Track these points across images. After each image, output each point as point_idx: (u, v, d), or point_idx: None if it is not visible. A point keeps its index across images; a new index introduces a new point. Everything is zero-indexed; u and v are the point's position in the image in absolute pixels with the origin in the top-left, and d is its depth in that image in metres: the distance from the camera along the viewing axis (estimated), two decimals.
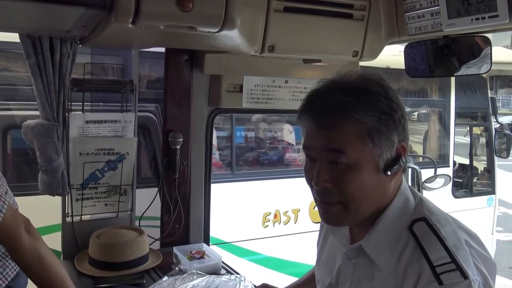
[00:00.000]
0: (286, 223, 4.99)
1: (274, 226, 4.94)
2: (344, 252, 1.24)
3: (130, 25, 1.44)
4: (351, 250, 1.21)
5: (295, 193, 5.00)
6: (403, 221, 1.13)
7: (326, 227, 1.39)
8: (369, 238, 1.15)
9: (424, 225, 1.10)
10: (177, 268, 2.16)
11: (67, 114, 2.10)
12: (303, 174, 1.20)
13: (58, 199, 2.25)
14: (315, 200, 1.16)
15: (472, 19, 1.48)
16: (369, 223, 1.16)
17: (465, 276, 1.00)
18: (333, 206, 1.12)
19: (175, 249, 2.30)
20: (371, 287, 1.15)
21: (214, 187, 3.43)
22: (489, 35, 1.71)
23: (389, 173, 1.10)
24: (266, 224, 4.92)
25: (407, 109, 6.37)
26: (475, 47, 1.69)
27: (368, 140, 1.07)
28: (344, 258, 1.24)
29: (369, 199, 1.12)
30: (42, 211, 2.88)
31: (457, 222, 1.16)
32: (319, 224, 1.51)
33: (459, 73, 1.78)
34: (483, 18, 1.45)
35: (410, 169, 5.05)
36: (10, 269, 1.81)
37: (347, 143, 1.07)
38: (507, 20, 1.40)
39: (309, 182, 1.16)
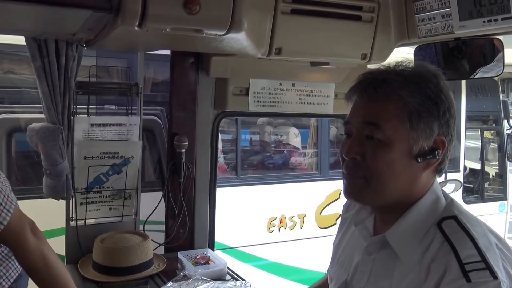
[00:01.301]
0: (291, 228, 4.97)
1: (279, 231, 4.92)
2: (365, 247, 1.22)
3: (136, 28, 1.43)
4: (372, 243, 1.20)
5: (301, 198, 4.98)
6: (432, 217, 1.12)
7: (348, 223, 1.38)
8: (394, 230, 1.13)
9: (454, 223, 1.09)
10: (181, 274, 2.14)
11: (72, 117, 2.09)
12: (309, 179, 1.19)
13: (62, 203, 2.23)
14: (342, 174, 1.17)
15: (484, 21, 1.47)
16: (395, 217, 1.14)
17: (494, 276, 0.98)
18: (357, 179, 1.12)
19: (180, 254, 2.28)
20: (389, 284, 1.13)
21: (219, 191, 3.41)
22: (501, 37, 1.69)
23: (420, 160, 1.09)
24: (271, 229, 4.90)
25: None
26: (487, 50, 1.68)
27: (407, 121, 1.07)
28: (363, 254, 1.22)
29: (394, 182, 1.11)
30: (46, 214, 2.87)
31: (487, 225, 1.14)
32: (325, 229, 1.49)
33: (469, 77, 1.78)
34: (496, 20, 1.44)
35: None
36: (12, 271, 1.81)
37: (385, 119, 1.08)
38: None
39: (341, 155, 1.16)
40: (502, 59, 1.66)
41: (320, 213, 4.99)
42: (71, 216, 2.23)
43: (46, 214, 2.81)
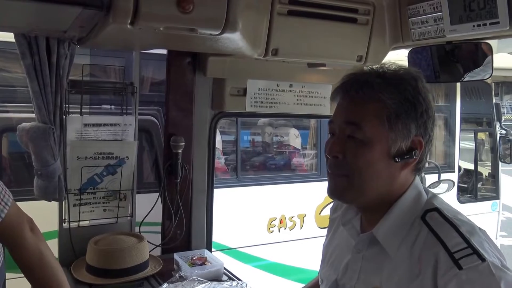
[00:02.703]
0: (291, 228, 4.98)
1: (279, 231, 4.93)
2: (354, 245, 1.26)
3: (128, 26, 1.41)
4: (361, 240, 1.24)
5: (301, 198, 4.98)
6: (415, 211, 1.17)
7: (336, 224, 1.42)
8: (380, 226, 1.18)
9: (436, 215, 1.14)
10: (177, 275, 2.13)
11: (64, 116, 2.06)
12: (309, 179, 1.24)
13: (56, 204, 2.20)
14: (327, 173, 1.22)
15: (473, 26, 1.52)
16: (379, 216, 1.19)
17: (482, 259, 1.03)
18: (340, 178, 1.17)
19: (176, 256, 2.27)
20: (379, 280, 1.17)
21: (219, 192, 3.40)
22: (494, 41, 1.76)
23: (398, 159, 1.14)
24: (271, 229, 4.90)
25: None
26: (477, 53, 1.72)
27: (386, 121, 1.12)
28: (353, 252, 1.26)
29: (374, 180, 1.16)
30: (40, 217, 2.85)
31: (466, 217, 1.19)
32: (324, 229, 1.50)
33: (460, 79, 1.84)
34: (484, 24, 1.49)
35: None
36: None
37: (365, 119, 1.13)
38: (508, 27, 1.44)
39: (325, 153, 1.22)
40: (491, 62, 1.70)
41: (320, 213, 5.00)
42: (64, 218, 2.21)
43: (40, 216, 2.80)
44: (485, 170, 6.44)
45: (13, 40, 1.90)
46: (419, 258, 1.10)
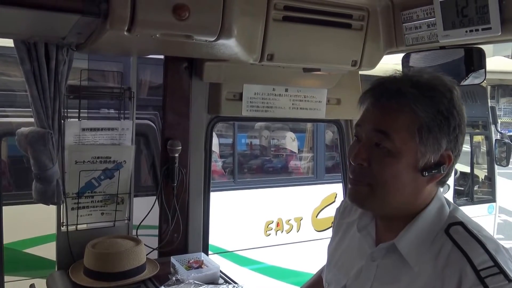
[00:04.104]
0: (288, 231, 4.99)
1: (276, 234, 4.94)
2: (369, 253, 1.24)
3: (125, 33, 1.43)
4: (378, 250, 1.21)
5: (298, 202, 5.00)
6: (439, 223, 1.15)
7: (345, 227, 1.39)
8: (403, 237, 1.15)
9: (461, 229, 1.12)
10: (174, 278, 2.13)
11: (62, 121, 2.08)
12: (306, 182, 1.23)
13: (54, 208, 2.22)
14: (349, 178, 1.19)
15: (466, 31, 1.53)
16: (398, 225, 1.17)
17: (509, 279, 1.02)
18: (362, 186, 1.14)
19: (173, 259, 2.28)
20: None
21: (216, 196, 3.41)
22: (490, 45, 1.74)
23: (426, 173, 1.11)
24: (268, 232, 4.91)
25: None
26: (470, 58, 1.73)
27: (417, 134, 1.09)
28: (367, 260, 1.24)
29: (399, 192, 1.13)
30: (39, 220, 2.87)
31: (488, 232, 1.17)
32: (321, 232, 1.51)
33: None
34: (477, 30, 1.50)
35: None
36: None
37: (396, 130, 1.10)
38: (499, 32, 1.45)
39: (348, 159, 1.19)
40: (484, 67, 1.71)
41: (316, 216, 5.02)
42: (62, 221, 2.22)
43: (39, 219, 2.81)
44: (481, 173, 6.46)
45: (12, 45, 1.92)
46: (443, 271, 1.07)
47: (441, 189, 1.21)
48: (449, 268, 1.07)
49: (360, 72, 2.17)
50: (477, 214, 5.77)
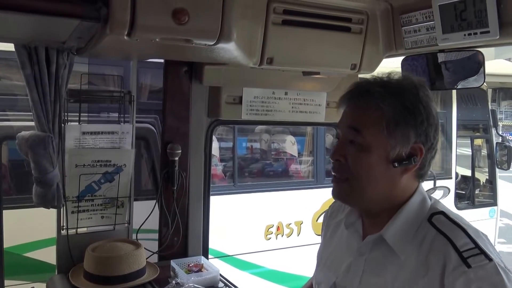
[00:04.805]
0: (289, 235, 4.98)
1: (276, 238, 4.93)
2: (357, 248, 1.30)
3: (125, 37, 1.44)
4: (365, 243, 1.28)
5: (298, 205, 4.99)
6: (421, 214, 1.22)
7: (332, 228, 1.46)
8: (389, 228, 1.22)
9: (443, 218, 1.20)
10: (174, 282, 2.14)
11: (63, 125, 2.08)
12: (306, 186, 1.29)
13: (54, 211, 2.22)
14: (332, 176, 1.28)
15: (465, 34, 1.54)
16: (382, 220, 1.24)
17: (489, 258, 1.09)
18: (342, 182, 1.23)
19: (173, 262, 2.28)
20: (383, 281, 1.21)
21: (216, 199, 3.40)
22: (491, 48, 1.75)
23: (396, 165, 1.19)
24: (268, 236, 4.90)
25: None
26: (469, 62, 1.74)
27: (385, 128, 1.18)
28: (356, 255, 1.30)
29: (373, 184, 1.21)
30: (40, 224, 2.87)
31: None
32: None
33: (453, 87, 1.86)
34: (475, 33, 1.51)
35: None
36: None
37: (365, 126, 1.20)
38: (498, 36, 1.47)
39: (330, 157, 1.28)
40: (483, 70, 1.72)
41: (317, 220, 5.01)
42: (62, 225, 2.22)
43: (40, 223, 2.81)
44: (482, 177, 6.44)
45: (13, 49, 1.92)
46: (427, 257, 1.14)
47: (422, 185, 1.28)
48: (433, 254, 1.14)
49: (360, 75, 2.17)
50: (478, 218, 5.76)
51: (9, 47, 2.05)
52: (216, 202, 3.07)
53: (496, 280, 1.07)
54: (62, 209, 2.20)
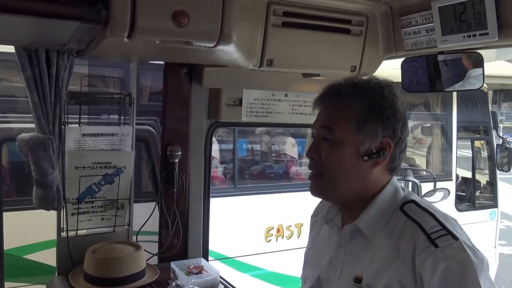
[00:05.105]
0: (289, 237, 4.97)
1: (277, 240, 4.92)
2: (336, 241, 1.38)
3: (126, 40, 1.44)
4: (343, 234, 1.36)
5: (298, 207, 4.98)
6: (394, 203, 1.30)
7: (317, 227, 1.54)
8: (363, 217, 1.30)
9: (414, 206, 1.28)
10: (173, 284, 2.13)
11: (63, 127, 2.08)
12: (306, 188, 1.39)
13: (54, 213, 2.22)
14: (309, 173, 1.36)
15: (464, 36, 1.55)
16: (359, 211, 1.31)
17: (455, 238, 1.17)
18: (318, 177, 1.32)
19: (173, 264, 2.28)
20: (360, 269, 1.28)
21: (216, 201, 3.40)
22: (492, 50, 1.75)
23: (366, 158, 1.27)
24: (269, 238, 4.90)
25: (412, 123, 6.41)
26: (468, 63, 1.74)
27: (354, 125, 1.26)
28: (335, 248, 1.37)
29: (346, 178, 1.29)
30: (40, 226, 2.86)
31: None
32: None
33: (452, 89, 1.86)
34: (474, 35, 1.52)
35: (410, 183, 5.06)
36: None
37: (336, 123, 1.29)
38: (497, 38, 1.47)
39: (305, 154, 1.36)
40: (482, 72, 1.72)
41: None
42: (62, 227, 2.22)
43: (40, 225, 2.81)
44: (483, 178, 6.44)
45: (13, 51, 1.93)
46: (398, 242, 1.22)
47: (395, 178, 1.35)
48: (403, 239, 1.22)
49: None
50: (479, 220, 5.76)
51: (9, 49, 2.06)
52: (216, 204, 3.07)
53: (462, 257, 1.14)
54: (62, 211, 2.20)
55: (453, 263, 1.14)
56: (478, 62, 1.72)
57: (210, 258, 2.63)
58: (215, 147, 5.03)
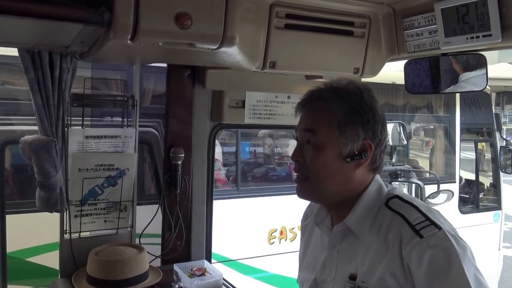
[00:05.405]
0: (292, 240, 4.96)
1: (280, 243, 4.91)
2: (328, 241, 1.41)
3: (129, 42, 1.44)
4: (334, 234, 1.39)
5: (301, 210, 4.97)
6: (379, 200, 1.35)
7: (309, 230, 1.56)
8: (350, 216, 1.34)
9: (398, 200, 1.33)
10: (177, 286, 2.15)
11: (66, 129, 2.09)
12: None
13: (57, 216, 2.22)
14: (294, 176, 1.39)
15: (467, 38, 1.55)
16: (347, 210, 1.35)
17: (439, 227, 1.22)
18: (303, 180, 1.35)
19: (176, 266, 2.28)
20: (355, 267, 1.31)
21: (219, 204, 3.39)
22: (495, 52, 1.75)
23: (349, 160, 1.31)
24: (272, 241, 4.89)
25: (416, 125, 6.41)
26: (471, 65, 1.74)
27: (336, 128, 1.31)
28: (328, 248, 1.41)
29: (330, 179, 1.33)
30: (42, 228, 2.86)
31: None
32: None
33: (455, 90, 1.88)
34: (477, 37, 1.52)
35: (413, 185, 5.05)
36: None
37: (318, 127, 1.32)
38: (500, 39, 1.47)
39: (290, 158, 1.41)
40: (485, 74, 1.72)
41: None
42: (65, 229, 2.22)
43: (42, 227, 2.81)
44: (486, 180, 6.43)
45: (16, 54, 1.93)
46: (386, 237, 1.27)
47: (378, 175, 1.40)
48: (391, 232, 1.26)
49: (362, 80, 2.17)
50: (482, 222, 5.74)
51: (12, 51, 2.06)
52: (219, 206, 3.06)
53: (446, 245, 1.19)
54: (65, 213, 2.21)
55: (438, 251, 1.19)
56: (482, 64, 1.71)
57: (212, 260, 2.63)
58: (218, 149, 5.03)
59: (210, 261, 2.52)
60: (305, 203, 1.55)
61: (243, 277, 4.65)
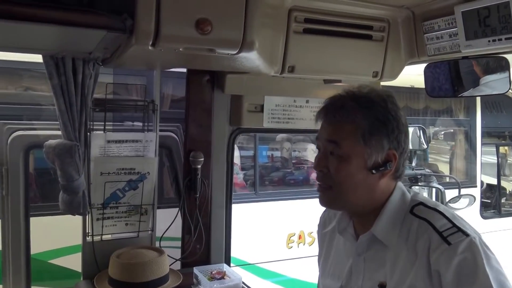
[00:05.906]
0: (310, 244, 4.95)
1: (298, 247, 4.91)
2: (355, 249, 1.40)
3: (150, 47, 1.46)
4: (361, 243, 1.38)
5: (319, 214, 4.95)
6: (404, 207, 1.34)
7: (329, 237, 1.56)
8: (377, 225, 1.34)
9: (422, 207, 1.33)
10: None
11: (88, 133, 2.12)
12: None
13: (80, 218, 2.26)
14: (317, 184, 1.38)
15: (489, 41, 1.53)
16: (370, 219, 1.35)
17: (466, 234, 1.23)
18: (326, 189, 1.34)
19: (196, 270, 2.29)
20: (384, 275, 1.31)
21: (238, 208, 3.40)
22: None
23: (374, 171, 1.30)
24: (290, 245, 4.88)
25: (435, 129, 6.34)
26: (493, 68, 1.73)
27: (361, 139, 1.29)
28: (354, 256, 1.40)
29: (354, 191, 1.32)
30: (65, 231, 2.91)
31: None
32: None
33: (477, 94, 1.83)
34: (500, 39, 1.50)
35: (434, 189, 5.00)
36: None
37: (343, 138, 1.30)
38: None
39: (314, 168, 1.39)
40: (508, 77, 1.70)
41: None
42: (87, 231, 2.26)
43: (66, 230, 2.85)
44: (508, 185, 6.35)
45: (39, 60, 1.97)
46: (415, 245, 1.27)
47: (400, 182, 1.39)
48: (420, 240, 1.26)
49: (382, 83, 2.17)
50: (505, 227, 5.65)
51: (34, 58, 2.10)
52: (238, 210, 3.07)
53: (474, 252, 1.20)
54: (87, 216, 2.24)
55: (466, 258, 1.19)
56: (504, 67, 1.70)
57: (231, 264, 2.64)
58: (236, 153, 5.04)
59: (229, 265, 2.53)
60: (322, 207, 1.54)
61: (261, 281, 4.65)
